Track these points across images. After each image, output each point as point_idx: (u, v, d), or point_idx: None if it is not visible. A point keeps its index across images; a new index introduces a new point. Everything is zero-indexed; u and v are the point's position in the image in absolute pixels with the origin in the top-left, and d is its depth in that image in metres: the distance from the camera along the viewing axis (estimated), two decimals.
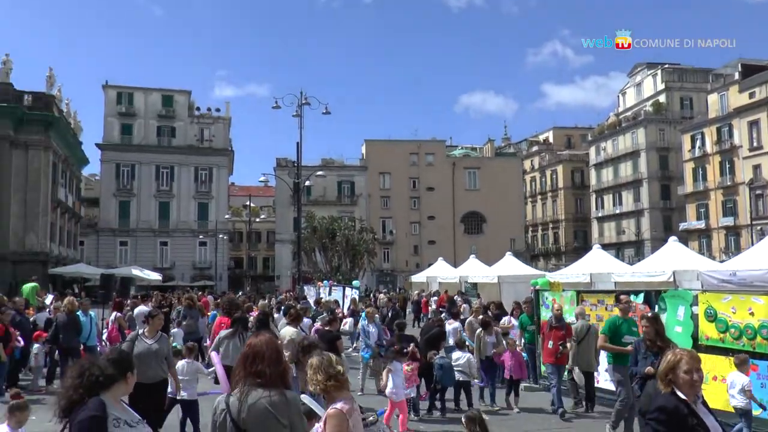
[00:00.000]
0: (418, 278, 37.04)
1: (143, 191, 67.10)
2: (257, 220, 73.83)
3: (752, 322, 9.35)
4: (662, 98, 74.13)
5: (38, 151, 42.74)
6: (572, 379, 12.01)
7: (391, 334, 14.16)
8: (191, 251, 67.42)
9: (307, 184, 36.38)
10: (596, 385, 11.85)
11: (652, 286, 14.52)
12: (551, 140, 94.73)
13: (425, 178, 75.78)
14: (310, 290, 32.03)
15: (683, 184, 67.78)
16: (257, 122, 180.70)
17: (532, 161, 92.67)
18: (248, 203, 65.59)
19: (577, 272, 20.69)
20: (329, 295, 27.68)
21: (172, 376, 8.43)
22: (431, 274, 34.48)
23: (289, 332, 9.63)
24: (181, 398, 8.78)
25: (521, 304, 15.49)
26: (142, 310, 16.99)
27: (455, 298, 26.08)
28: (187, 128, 69.06)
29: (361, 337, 14.19)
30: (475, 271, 29.32)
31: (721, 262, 25.37)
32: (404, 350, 10.22)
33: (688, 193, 66.99)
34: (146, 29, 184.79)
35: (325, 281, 34.52)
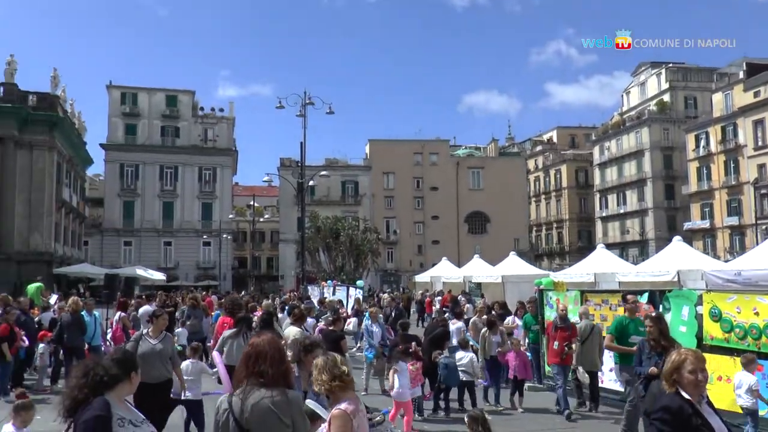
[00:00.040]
0: (422, 278, 37.04)
1: (147, 191, 67.23)
2: (261, 220, 73.85)
3: (757, 321, 9.32)
4: (666, 97, 74.01)
5: (43, 151, 42.88)
6: (576, 379, 11.99)
7: (394, 333, 14.15)
8: (195, 251, 67.50)
9: (311, 183, 36.38)
10: (600, 384, 11.84)
11: (656, 285, 14.49)
12: (555, 140, 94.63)
13: (429, 177, 75.76)
14: (314, 290, 32.08)
15: (687, 183, 67.67)
16: (261, 122, 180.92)
17: (536, 161, 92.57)
18: (252, 203, 65.58)
19: (581, 272, 20.68)
20: (333, 294, 27.71)
21: (177, 375, 8.40)
22: (435, 273, 34.48)
23: (293, 332, 9.64)
24: (185, 398, 8.78)
25: (525, 303, 15.47)
26: (147, 309, 16.99)
27: (459, 297, 26.07)
28: (190, 128, 69.18)
29: (364, 337, 14.18)
30: (479, 270, 29.31)
31: (725, 261, 25.29)
32: (409, 349, 10.21)
33: (692, 192, 66.89)
34: (150, 29, 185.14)
35: (329, 281, 34.58)
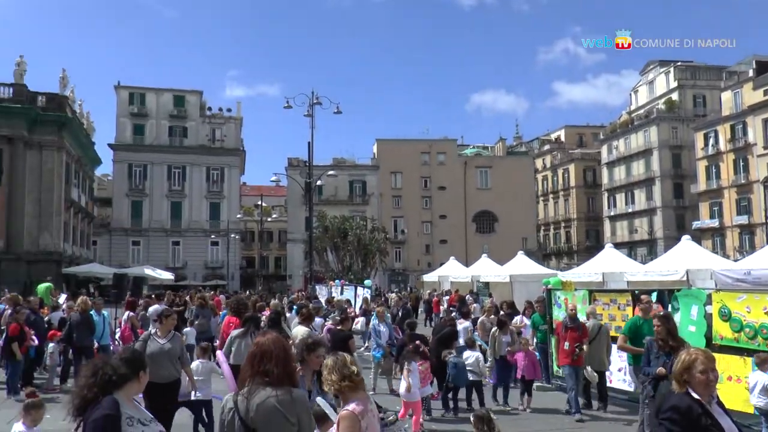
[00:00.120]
0: (429, 277, 36.98)
1: (155, 191, 67.45)
2: (269, 219, 74.02)
3: (767, 321, 9.27)
4: (675, 96, 73.69)
5: (52, 151, 43.07)
6: (583, 378, 11.93)
7: (402, 333, 14.15)
8: (203, 251, 67.69)
9: (318, 183, 36.49)
10: (609, 384, 11.80)
11: (665, 285, 14.43)
12: (563, 139, 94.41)
13: (437, 177, 75.70)
14: (321, 290, 32.09)
15: (696, 182, 67.34)
16: (269, 122, 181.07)
17: (543, 160, 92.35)
18: (260, 203, 65.82)
19: (589, 271, 20.61)
20: (341, 294, 27.72)
21: (186, 374, 8.41)
22: (443, 273, 34.43)
23: (301, 331, 9.65)
24: (196, 398, 8.81)
25: (533, 303, 15.43)
26: (156, 309, 17.01)
27: (466, 297, 26.04)
28: (198, 128, 69.35)
29: (372, 336, 14.19)
30: (486, 270, 29.24)
31: (735, 261, 25.17)
32: (419, 348, 10.22)
33: (701, 191, 66.55)
34: (158, 30, 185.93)
35: (336, 280, 34.59)
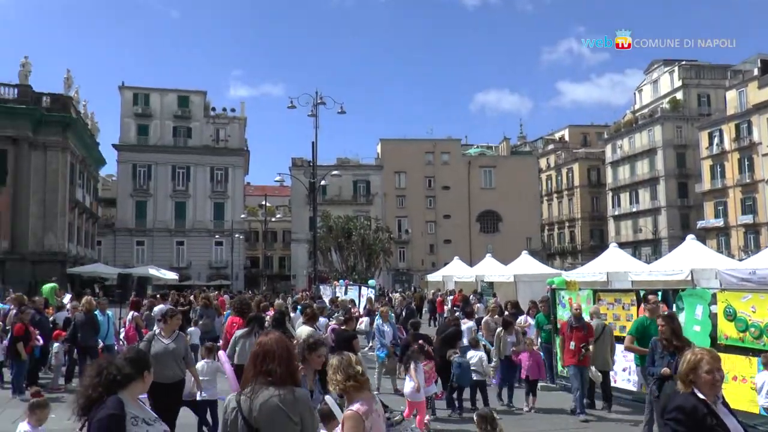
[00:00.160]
0: (433, 277, 36.96)
1: (159, 191, 67.57)
2: (273, 219, 74.11)
3: None
4: (679, 95, 73.53)
5: (56, 152, 43.18)
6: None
7: (406, 333, 14.14)
8: (207, 251, 67.79)
9: (322, 183, 36.49)
10: (613, 384, 11.78)
11: (669, 284, 14.40)
12: (567, 138, 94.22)
13: (441, 177, 75.63)
14: (326, 289, 32.08)
15: (701, 181, 67.16)
16: (272, 122, 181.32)
17: (547, 159, 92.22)
18: (264, 203, 65.71)
19: (593, 271, 20.58)
20: (345, 294, 27.72)
21: (192, 374, 8.42)
22: (447, 273, 34.41)
23: (305, 331, 9.65)
24: (201, 398, 8.83)
25: (537, 303, 15.40)
26: (161, 309, 17.03)
27: (470, 297, 25.99)
28: (202, 128, 69.44)
29: (376, 336, 14.19)
30: (491, 270, 29.21)
31: (740, 260, 25.15)
32: (423, 348, 10.22)
33: (705, 190, 66.39)
34: (162, 31, 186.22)
35: (340, 280, 34.58)
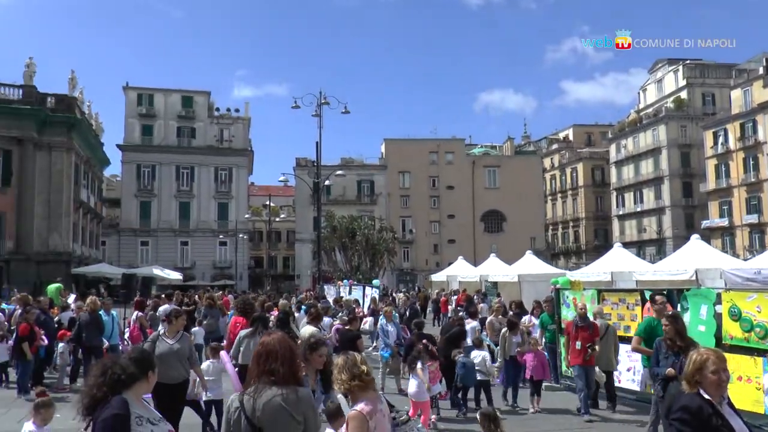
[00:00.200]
0: (438, 277, 36.95)
1: (164, 191, 67.68)
2: (277, 219, 74.12)
3: None
4: (684, 94, 73.35)
5: (61, 152, 43.30)
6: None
7: (410, 333, 14.14)
8: (212, 251, 67.89)
9: (326, 183, 36.50)
10: (618, 384, 11.76)
11: (674, 284, 14.40)
12: (571, 138, 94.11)
13: (445, 176, 75.59)
14: (330, 289, 32.07)
15: (705, 181, 67.01)
16: (277, 122, 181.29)
17: (552, 159, 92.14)
18: (268, 203, 65.82)
19: (597, 271, 20.59)
20: (349, 294, 27.71)
21: (196, 374, 8.43)
22: (451, 273, 34.40)
23: (309, 331, 9.67)
24: (207, 398, 8.86)
25: (542, 303, 15.39)
26: (167, 309, 17.06)
27: (473, 297, 25.97)
28: (206, 129, 69.54)
29: (380, 336, 14.19)
30: (495, 269, 29.22)
31: (745, 260, 25.08)
32: (428, 347, 10.22)
33: (710, 190, 66.21)
34: (166, 31, 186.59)
35: (345, 280, 34.58)
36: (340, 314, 16.38)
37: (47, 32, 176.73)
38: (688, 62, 72.89)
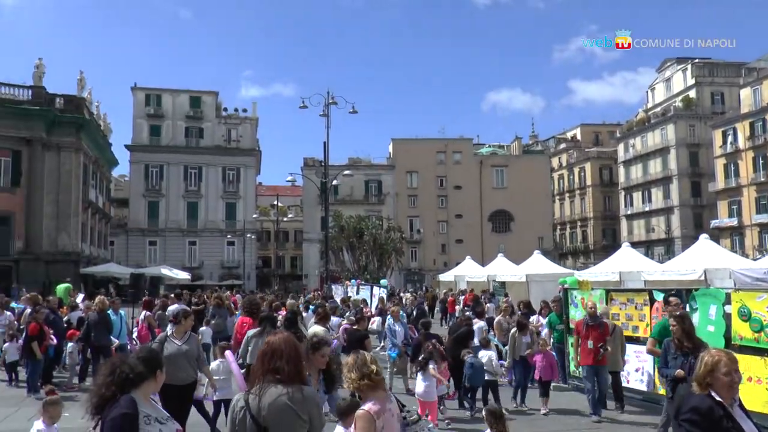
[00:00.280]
0: (445, 277, 36.94)
1: (172, 191, 67.89)
2: (285, 219, 74.31)
3: None
4: (692, 93, 73.01)
5: (69, 152, 43.48)
6: None
7: (417, 333, 14.14)
8: (219, 251, 68.05)
9: (334, 183, 36.46)
10: (626, 384, 11.72)
11: (683, 284, 14.35)
12: (579, 137, 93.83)
13: (452, 176, 75.50)
14: (337, 289, 32.11)
15: (714, 180, 66.66)
16: (284, 122, 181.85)
17: (559, 159, 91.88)
18: (276, 203, 65.97)
19: (606, 270, 20.55)
20: (357, 294, 27.73)
21: (205, 375, 8.43)
22: (459, 272, 34.40)
23: (316, 331, 9.66)
24: (217, 398, 8.88)
25: (549, 303, 15.36)
26: (176, 308, 17.07)
27: (480, 296, 25.93)
28: (214, 129, 69.72)
29: (387, 336, 14.19)
30: (503, 269, 29.20)
31: (754, 260, 24.96)
32: (436, 348, 10.22)
33: (719, 189, 65.84)
34: (173, 31, 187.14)
35: (352, 280, 34.61)
36: (347, 314, 16.41)
37: (56, 33, 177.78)
38: (696, 61, 72.53)
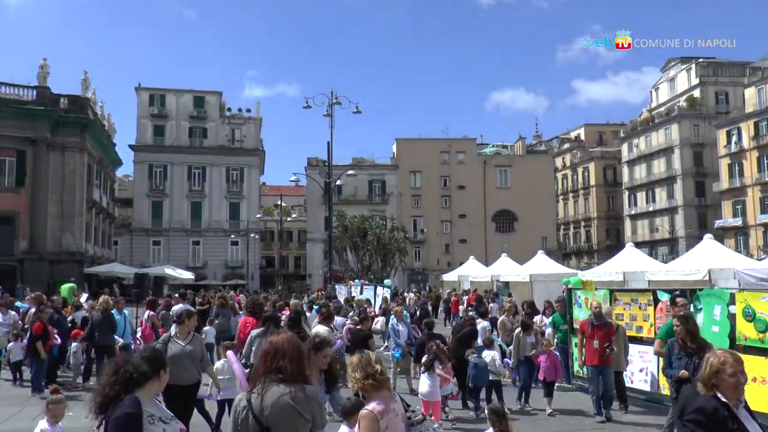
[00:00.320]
0: (449, 277, 36.90)
1: (175, 191, 67.98)
2: (289, 219, 74.22)
3: None
4: (696, 93, 72.87)
5: (74, 153, 43.58)
6: None
7: (421, 332, 14.13)
8: (223, 250, 68.12)
9: (338, 183, 36.54)
10: (630, 385, 11.69)
11: (687, 284, 14.30)
12: (583, 137, 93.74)
13: (456, 176, 75.48)
14: (341, 289, 32.13)
15: (719, 180, 66.51)
16: (288, 122, 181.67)
17: (563, 158, 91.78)
18: (280, 203, 66.00)
19: (609, 271, 20.50)
20: (361, 293, 27.74)
21: (209, 375, 8.44)
22: (463, 272, 34.36)
23: (320, 331, 9.68)
24: (221, 397, 8.92)
25: (553, 303, 15.34)
26: (181, 308, 17.07)
27: (483, 297, 25.91)
28: (218, 129, 69.80)
29: (391, 336, 14.18)
30: (506, 269, 29.16)
31: (759, 260, 24.90)
32: (440, 347, 10.22)
33: (723, 189, 65.71)
34: (178, 32, 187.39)
35: (356, 280, 34.61)
36: (351, 314, 16.41)
37: (60, 33, 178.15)
38: (701, 60, 72.36)
